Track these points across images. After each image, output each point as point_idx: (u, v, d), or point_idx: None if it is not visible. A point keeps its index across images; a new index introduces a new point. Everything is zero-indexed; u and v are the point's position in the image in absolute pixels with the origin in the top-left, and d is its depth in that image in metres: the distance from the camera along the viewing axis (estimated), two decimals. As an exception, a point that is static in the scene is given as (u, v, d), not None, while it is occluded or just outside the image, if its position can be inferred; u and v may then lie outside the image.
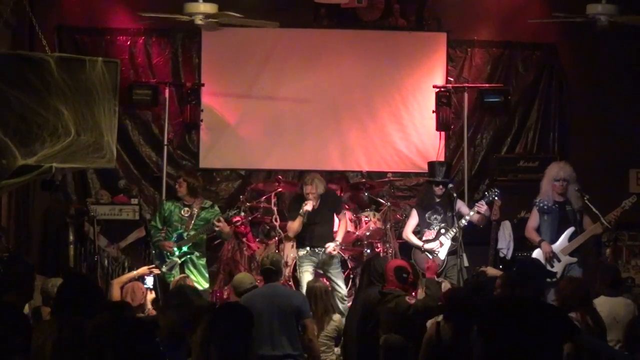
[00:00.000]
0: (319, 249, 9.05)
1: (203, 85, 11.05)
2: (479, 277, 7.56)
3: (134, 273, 8.10)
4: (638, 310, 6.99)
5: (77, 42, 11.01)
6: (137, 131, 11.22)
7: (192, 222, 8.70)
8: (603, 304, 6.69)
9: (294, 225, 9.07)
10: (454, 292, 6.36)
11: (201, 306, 5.82)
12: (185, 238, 8.66)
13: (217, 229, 8.66)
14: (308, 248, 9.07)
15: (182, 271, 8.59)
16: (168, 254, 8.65)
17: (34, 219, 10.70)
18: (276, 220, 10.11)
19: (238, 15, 9.00)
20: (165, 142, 10.84)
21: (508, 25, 11.34)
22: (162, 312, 5.89)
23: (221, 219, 8.64)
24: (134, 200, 10.61)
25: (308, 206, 8.94)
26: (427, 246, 8.94)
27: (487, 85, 11.30)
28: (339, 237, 9.20)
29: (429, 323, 6.52)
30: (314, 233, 9.08)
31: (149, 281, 8.20)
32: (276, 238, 10.01)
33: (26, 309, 6.59)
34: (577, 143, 11.41)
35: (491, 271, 7.73)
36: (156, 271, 8.32)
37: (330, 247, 9.04)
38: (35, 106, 6.43)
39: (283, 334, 6.80)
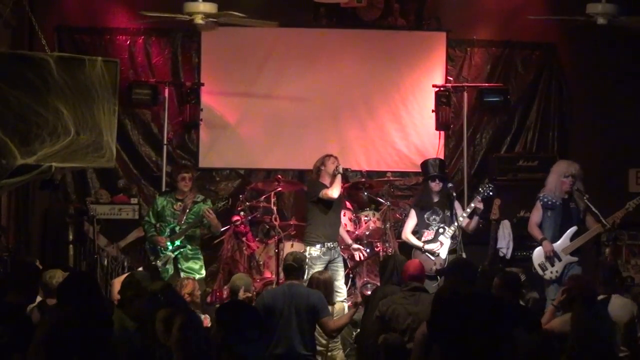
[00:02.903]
0: (332, 243, 8.90)
1: (202, 84, 11.04)
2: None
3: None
4: (638, 310, 6.98)
5: (77, 42, 11.01)
6: (137, 131, 11.22)
7: (185, 216, 8.72)
8: None
9: (335, 187, 8.83)
10: (438, 295, 6.27)
11: (155, 290, 5.76)
12: (177, 232, 8.67)
13: (205, 220, 8.64)
14: (322, 246, 8.83)
15: (175, 265, 8.59)
16: (162, 249, 8.66)
17: (34, 218, 10.71)
18: (276, 220, 10.08)
19: (239, 14, 8.98)
20: (165, 142, 10.84)
21: (508, 25, 11.34)
22: (123, 307, 5.89)
23: (210, 210, 8.62)
24: (134, 200, 10.62)
25: (342, 166, 8.96)
26: (428, 246, 8.93)
27: (486, 84, 11.30)
28: (349, 238, 9.52)
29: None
30: (332, 228, 8.97)
31: None
32: (276, 237, 10.00)
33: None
34: (576, 142, 11.42)
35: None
36: None
37: (359, 251, 9.45)
38: (34, 106, 6.44)
39: (299, 333, 6.81)
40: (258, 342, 4.45)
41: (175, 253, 8.64)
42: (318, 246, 8.85)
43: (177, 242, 8.66)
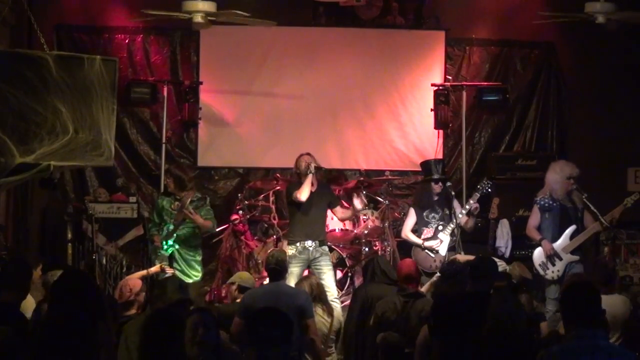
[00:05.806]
0: (311, 242, 8.74)
1: (201, 83, 11.03)
2: (452, 265, 7.45)
3: (145, 272, 8.07)
4: (633, 307, 7.01)
5: (76, 40, 11.00)
6: (136, 129, 11.21)
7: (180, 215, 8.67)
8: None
9: (303, 190, 8.67)
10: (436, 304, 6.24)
11: (174, 300, 5.75)
12: (169, 232, 8.62)
13: (187, 219, 8.49)
14: (298, 244, 8.70)
15: (171, 264, 8.54)
16: (157, 248, 8.64)
17: (33, 217, 10.70)
18: (274, 219, 10.11)
19: (240, 13, 8.98)
20: (164, 140, 10.83)
21: (506, 24, 11.34)
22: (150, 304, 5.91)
23: (192, 210, 8.48)
24: (132, 199, 10.60)
25: (314, 164, 8.69)
26: (428, 244, 8.92)
27: (485, 83, 11.30)
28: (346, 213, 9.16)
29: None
30: (307, 227, 8.83)
31: None
32: (274, 236, 10.00)
33: (33, 304, 6.59)
34: (575, 141, 11.42)
35: (462, 257, 7.73)
36: (169, 270, 8.25)
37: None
38: (33, 104, 6.44)
39: None
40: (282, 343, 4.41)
41: (170, 252, 8.59)
42: (294, 245, 8.76)
43: (170, 242, 8.59)
